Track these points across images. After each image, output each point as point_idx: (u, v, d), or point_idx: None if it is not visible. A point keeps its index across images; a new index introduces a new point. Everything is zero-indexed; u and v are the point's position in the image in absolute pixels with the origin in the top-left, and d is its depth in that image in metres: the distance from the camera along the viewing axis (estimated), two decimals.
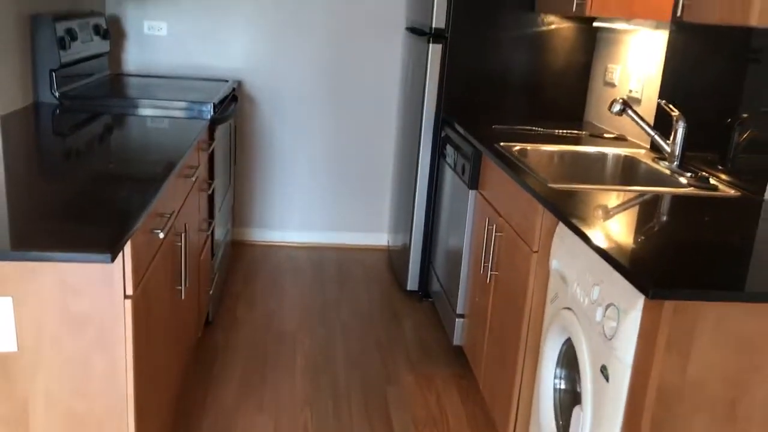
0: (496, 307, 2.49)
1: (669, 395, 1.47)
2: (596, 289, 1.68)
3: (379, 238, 4.33)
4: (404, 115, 3.81)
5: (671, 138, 2.42)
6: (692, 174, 2.30)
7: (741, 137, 2.23)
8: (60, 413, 1.60)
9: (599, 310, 1.65)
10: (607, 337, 1.60)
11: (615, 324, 1.56)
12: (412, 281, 3.58)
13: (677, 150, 2.40)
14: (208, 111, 2.94)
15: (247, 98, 4.04)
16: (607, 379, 1.60)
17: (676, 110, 2.39)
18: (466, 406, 2.73)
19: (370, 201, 4.27)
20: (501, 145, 2.64)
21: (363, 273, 3.93)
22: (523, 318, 2.20)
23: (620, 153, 2.69)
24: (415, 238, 3.49)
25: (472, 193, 2.83)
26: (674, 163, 2.41)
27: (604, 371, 1.62)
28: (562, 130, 3.04)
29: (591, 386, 1.68)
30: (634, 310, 1.50)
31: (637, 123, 2.50)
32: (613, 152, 2.70)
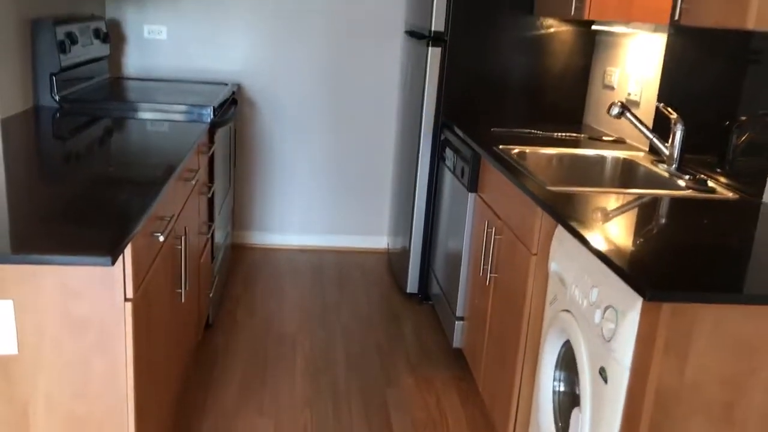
0: (495, 309, 2.50)
1: (667, 397, 1.48)
2: (595, 291, 1.69)
3: (378, 241, 4.34)
4: (404, 118, 3.81)
5: (669, 141, 2.43)
6: (690, 176, 2.31)
7: (739, 140, 2.23)
8: (60, 416, 1.61)
9: (598, 312, 1.65)
10: (605, 339, 1.60)
11: (613, 326, 1.57)
12: (411, 284, 3.58)
13: (675, 153, 2.41)
14: (208, 114, 2.95)
15: (246, 101, 4.05)
16: (606, 381, 1.61)
17: (674, 113, 2.40)
18: (465, 408, 2.73)
19: (370, 204, 4.28)
20: (500, 148, 2.65)
21: (363, 276, 3.94)
22: (522, 320, 2.21)
23: (619, 156, 2.69)
24: (414, 241, 3.50)
25: (472, 196, 2.83)
26: (673, 165, 2.42)
27: (603, 373, 1.62)
28: (561, 133, 3.04)
29: (590, 388, 1.69)
30: (632, 312, 1.51)
31: (635, 126, 2.51)
32: (612, 155, 2.71)
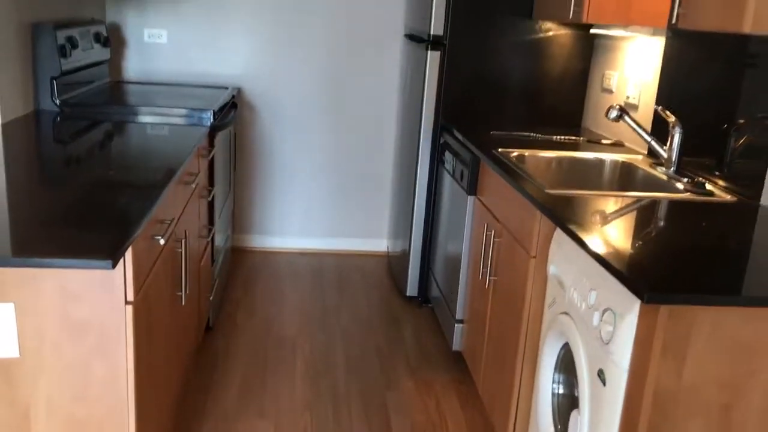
0: (494, 312, 2.51)
1: (665, 400, 1.48)
2: (593, 294, 1.69)
3: (378, 244, 4.34)
4: (403, 122, 3.82)
5: (668, 144, 2.44)
6: (689, 179, 2.32)
7: (737, 143, 2.24)
8: (61, 419, 1.61)
9: (596, 315, 1.66)
10: (603, 342, 1.61)
11: (611, 328, 1.57)
12: (411, 287, 3.59)
13: (674, 155, 2.42)
14: (208, 118, 2.96)
15: (246, 105, 4.06)
16: (604, 383, 1.61)
17: (672, 116, 2.41)
18: (465, 411, 2.73)
19: (370, 207, 4.29)
20: (499, 151, 2.66)
21: (363, 279, 3.94)
22: (521, 323, 2.22)
23: (617, 159, 2.70)
24: (414, 243, 3.51)
25: (471, 199, 2.84)
26: (671, 168, 2.43)
27: (601, 375, 1.63)
28: (560, 136, 3.05)
29: (588, 390, 1.69)
30: (630, 314, 1.51)
31: (633, 129, 2.52)
32: (611, 158, 2.71)
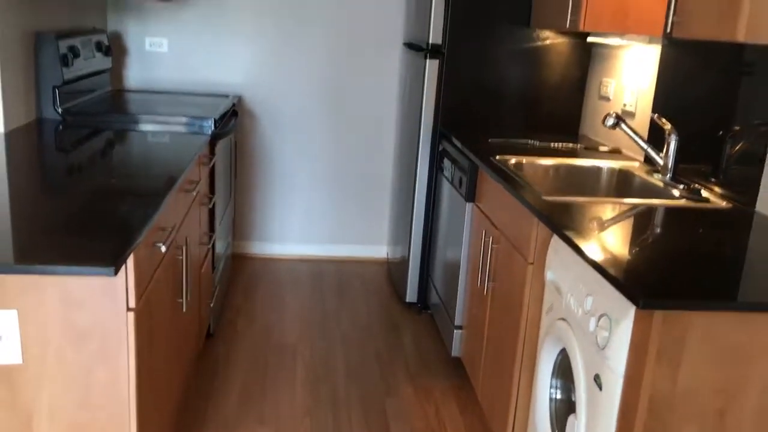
0: (493, 318, 2.52)
1: (660, 405, 1.50)
2: (589, 300, 1.71)
3: (378, 251, 4.36)
4: (402, 130, 3.85)
5: (664, 151, 2.46)
6: (685, 186, 2.34)
7: (733, 149, 2.26)
8: (63, 425, 1.62)
9: (592, 321, 1.68)
10: (599, 347, 1.62)
11: (607, 334, 1.59)
12: (411, 293, 3.61)
13: (670, 162, 2.44)
14: (208, 126, 2.98)
15: (247, 113, 4.08)
16: (601, 388, 1.63)
17: (668, 123, 2.43)
18: (464, 417, 2.75)
19: (369, 214, 4.31)
20: (497, 159, 2.68)
21: (362, 285, 3.96)
22: (519, 329, 2.23)
23: (614, 166, 2.72)
24: (413, 250, 3.52)
25: (469, 206, 2.86)
26: (667, 175, 2.45)
27: (598, 380, 1.64)
28: (558, 144, 3.07)
29: (585, 395, 1.71)
30: (626, 320, 1.53)
31: (630, 136, 2.54)
32: (608, 165, 2.73)
